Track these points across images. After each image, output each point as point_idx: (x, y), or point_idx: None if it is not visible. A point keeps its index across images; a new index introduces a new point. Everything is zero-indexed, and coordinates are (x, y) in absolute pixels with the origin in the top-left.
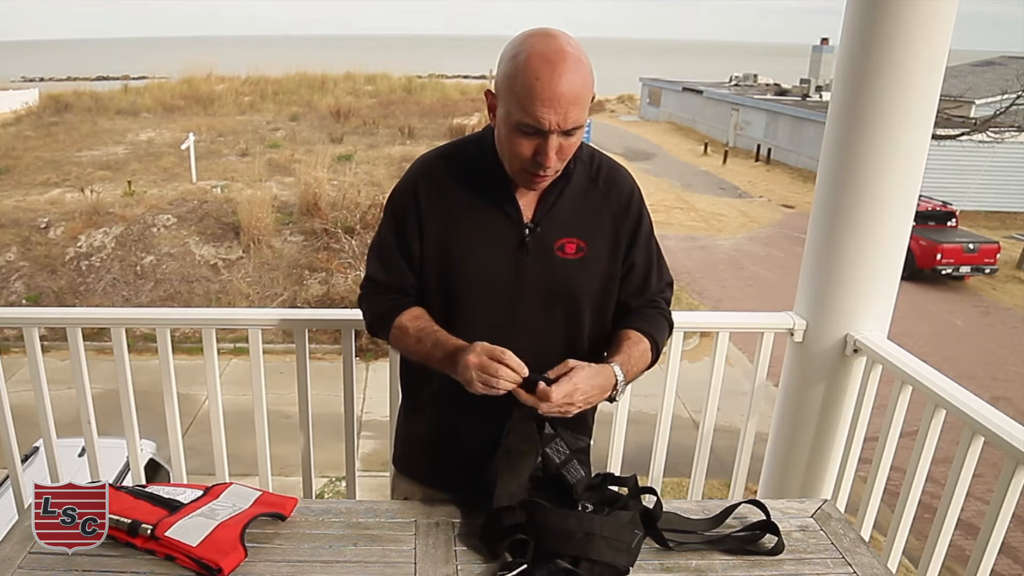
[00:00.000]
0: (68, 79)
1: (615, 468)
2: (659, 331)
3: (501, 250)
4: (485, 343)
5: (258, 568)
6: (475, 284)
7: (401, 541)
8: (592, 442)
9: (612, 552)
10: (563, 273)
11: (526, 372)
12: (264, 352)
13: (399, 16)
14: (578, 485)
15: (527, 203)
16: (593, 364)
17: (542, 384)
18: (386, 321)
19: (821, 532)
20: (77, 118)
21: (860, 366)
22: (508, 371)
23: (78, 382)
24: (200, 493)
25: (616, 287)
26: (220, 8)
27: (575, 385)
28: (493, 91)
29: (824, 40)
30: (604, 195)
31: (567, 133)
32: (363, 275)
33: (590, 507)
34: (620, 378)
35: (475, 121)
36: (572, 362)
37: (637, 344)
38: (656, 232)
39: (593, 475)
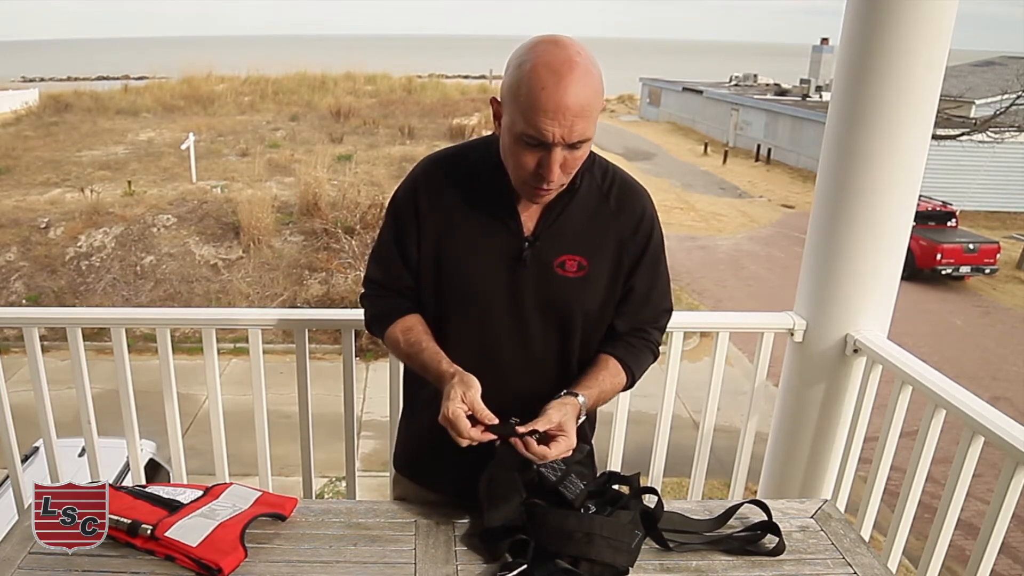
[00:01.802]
0: (68, 79)
1: (615, 469)
2: (640, 365)
3: (497, 262)
4: (458, 387)
5: (258, 568)
6: (468, 294)
7: (401, 541)
8: (591, 447)
9: (612, 552)
10: (561, 291)
11: (494, 420)
12: (264, 352)
13: (399, 16)
14: (577, 500)
15: (529, 215)
16: (568, 405)
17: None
18: (381, 325)
19: (821, 532)
20: (77, 118)
21: (860, 366)
22: (469, 434)
23: (78, 382)
24: (200, 493)
25: (613, 308)
26: (220, 8)
27: (571, 442)
28: (499, 99)
29: (824, 40)
30: (614, 214)
31: (572, 146)
32: (363, 274)
33: (591, 508)
34: (583, 415)
35: (475, 121)
36: (556, 417)
37: (614, 377)
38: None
39: (597, 475)
